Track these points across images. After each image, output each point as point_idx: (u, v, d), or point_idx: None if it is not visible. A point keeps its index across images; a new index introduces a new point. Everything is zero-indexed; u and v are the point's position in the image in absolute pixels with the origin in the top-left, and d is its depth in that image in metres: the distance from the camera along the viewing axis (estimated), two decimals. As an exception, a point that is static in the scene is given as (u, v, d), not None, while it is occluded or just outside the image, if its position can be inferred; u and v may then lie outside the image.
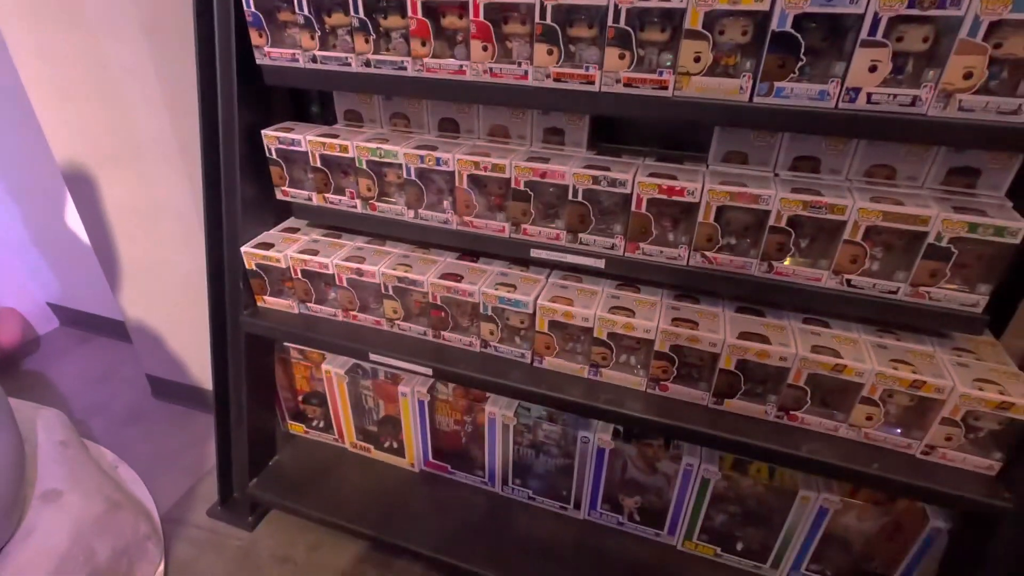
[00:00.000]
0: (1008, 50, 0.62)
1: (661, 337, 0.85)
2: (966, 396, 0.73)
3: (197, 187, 1.24)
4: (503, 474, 1.18)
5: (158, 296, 1.44)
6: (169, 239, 1.34)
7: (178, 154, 1.21)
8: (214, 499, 1.29)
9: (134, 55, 1.12)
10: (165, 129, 1.19)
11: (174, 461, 1.42)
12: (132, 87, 1.16)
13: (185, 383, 1.56)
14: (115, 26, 1.10)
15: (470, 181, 0.91)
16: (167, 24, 1.08)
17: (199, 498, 1.31)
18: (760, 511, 1.02)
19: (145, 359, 1.57)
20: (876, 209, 0.73)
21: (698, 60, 0.71)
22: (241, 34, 0.90)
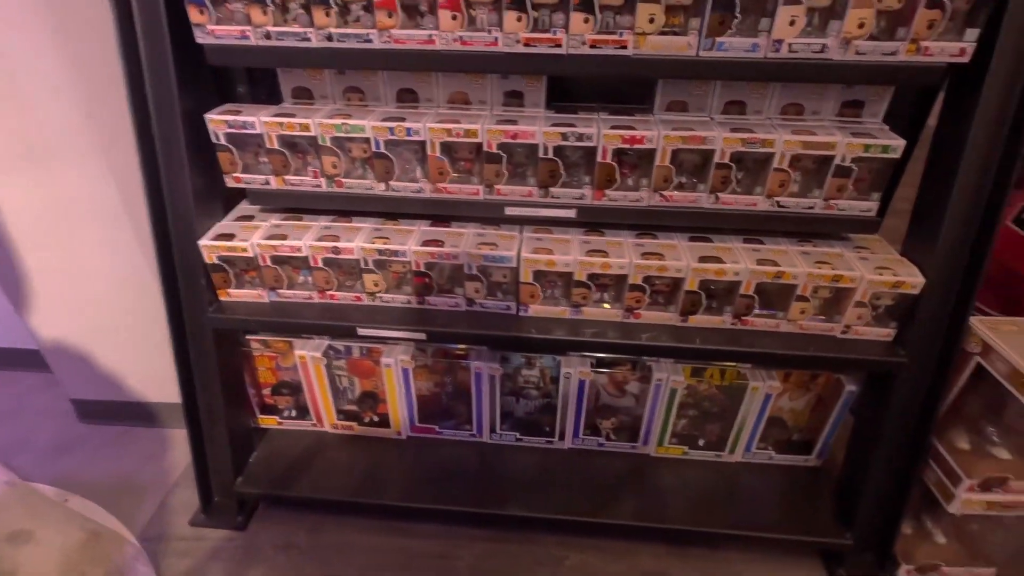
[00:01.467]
0: (887, 4, 0.78)
1: (634, 271, 0.97)
2: (872, 281, 0.93)
3: (123, 183, 1.15)
4: (490, 423, 1.26)
5: (79, 311, 1.30)
6: (89, 244, 1.21)
7: (96, 148, 1.10)
8: (191, 509, 1.24)
9: (31, 42, 0.99)
10: (77, 122, 1.07)
11: (129, 483, 1.32)
12: (30, 76, 1.03)
13: (120, 400, 1.44)
14: (6, 9, 0.97)
15: (442, 148, 0.94)
16: (73, 7, 0.97)
17: (173, 511, 1.25)
18: (715, 409, 1.20)
19: (68, 383, 1.42)
20: (797, 140, 0.89)
21: (652, 21, 0.81)
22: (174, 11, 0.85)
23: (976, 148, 0.83)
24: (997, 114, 0.81)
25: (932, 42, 0.79)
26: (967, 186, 0.85)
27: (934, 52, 0.80)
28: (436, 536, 1.19)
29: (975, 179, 0.85)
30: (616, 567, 1.14)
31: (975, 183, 0.85)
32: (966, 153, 0.83)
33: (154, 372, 1.36)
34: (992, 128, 0.82)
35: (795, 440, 1.24)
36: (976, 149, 0.83)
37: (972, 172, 0.84)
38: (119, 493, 1.29)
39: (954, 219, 0.87)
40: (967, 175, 0.84)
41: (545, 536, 1.19)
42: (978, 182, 0.85)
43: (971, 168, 0.84)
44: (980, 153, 0.83)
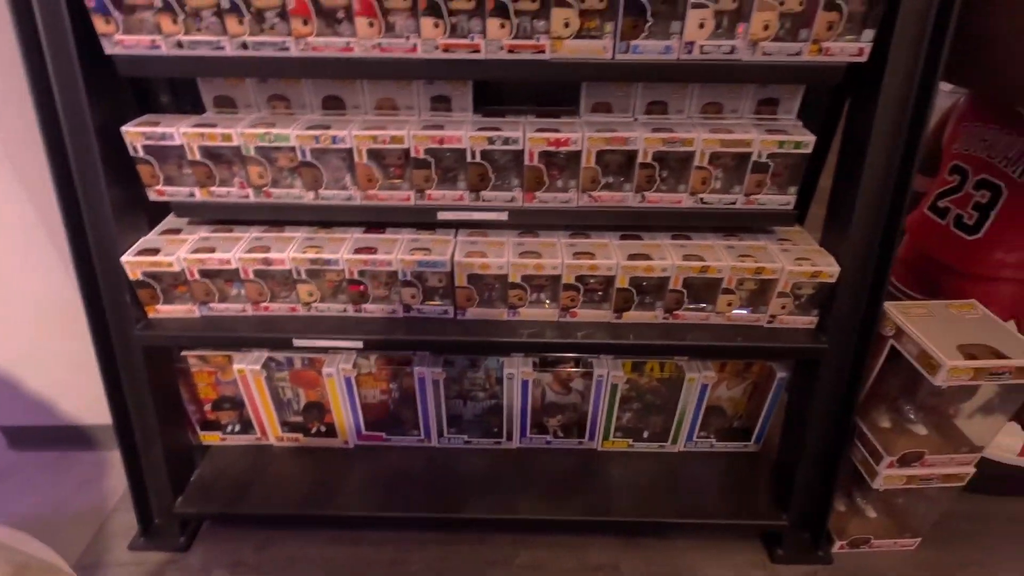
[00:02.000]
0: (788, 7, 0.81)
1: (567, 270, 0.98)
2: (792, 272, 0.97)
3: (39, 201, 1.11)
4: (438, 427, 1.26)
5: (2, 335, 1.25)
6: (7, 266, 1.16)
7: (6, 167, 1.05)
8: (131, 533, 1.20)
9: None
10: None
11: (65, 510, 1.27)
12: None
13: (53, 425, 1.38)
14: None
15: (370, 155, 0.94)
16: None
17: (112, 537, 1.21)
18: (658, 402, 1.23)
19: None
20: (715, 138, 0.92)
21: (567, 26, 0.82)
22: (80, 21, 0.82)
23: (879, 142, 0.87)
24: (897, 109, 0.85)
25: (832, 43, 0.83)
26: (873, 178, 0.89)
27: (835, 52, 0.84)
28: (388, 543, 1.19)
29: (880, 171, 0.89)
30: (566, 562, 1.16)
31: (880, 175, 0.89)
32: (871, 147, 0.87)
33: (88, 394, 1.31)
34: (893, 123, 0.86)
35: (735, 427, 1.28)
36: (879, 143, 0.87)
37: (877, 165, 0.89)
38: (55, 521, 1.24)
39: (863, 210, 0.92)
40: (872, 168, 0.89)
41: (496, 536, 1.20)
42: (883, 174, 0.89)
43: (876, 161, 0.88)
44: (883, 147, 0.87)
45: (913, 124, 0.86)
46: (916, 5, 0.79)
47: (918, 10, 0.79)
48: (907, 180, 0.89)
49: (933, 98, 0.83)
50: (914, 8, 0.79)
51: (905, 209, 0.91)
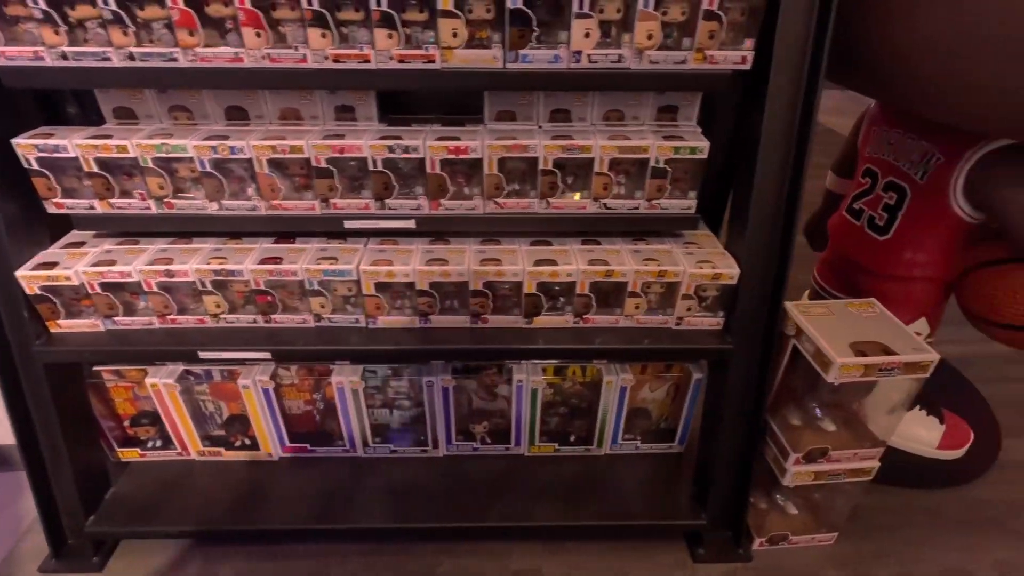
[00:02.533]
0: (671, 17, 0.84)
1: (473, 277, 0.99)
2: (693, 275, 0.99)
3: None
4: (362, 437, 1.25)
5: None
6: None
7: None
8: (42, 555, 1.16)
9: None
10: None
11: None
12: None
13: (-34, 445, 1.34)
14: None
15: (271, 165, 0.94)
16: None
17: (23, 559, 1.17)
18: (580, 405, 1.24)
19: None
20: (613, 145, 0.93)
21: (456, 35, 0.83)
22: (-40, 33, 0.81)
23: (769, 145, 0.90)
24: (784, 114, 0.88)
25: (716, 51, 0.85)
26: (766, 181, 0.92)
27: (719, 60, 0.86)
28: (309, 556, 1.17)
29: (773, 174, 0.91)
30: (489, 568, 1.16)
31: (773, 178, 0.92)
32: (761, 151, 0.90)
33: (0, 413, 1.27)
34: (781, 127, 0.88)
35: (661, 429, 1.30)
36: (769, 146, 0.90)
37: (769, 168, 0.91)
38: (-36, 546, 1.20)
39: (758, 212, 0.94)
40: (764, 171, 0.91)
41: (420, 545, 1.19)
42: (776, 177, 0.92)
43: (767, 164, 0.91)
44: (773, 150, 0.90)
45: (801, 128, 0.89)
46: (795, 15, 0.82)
47: (798, 19, 0.82)
48: (799, 182, 0.91)
49: (817, 102, 0.86)
50: (793, 18, 0.82)
51: (799, 210, 0.93)
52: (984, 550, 1.20)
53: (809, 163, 0.90)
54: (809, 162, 0.90)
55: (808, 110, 0.87)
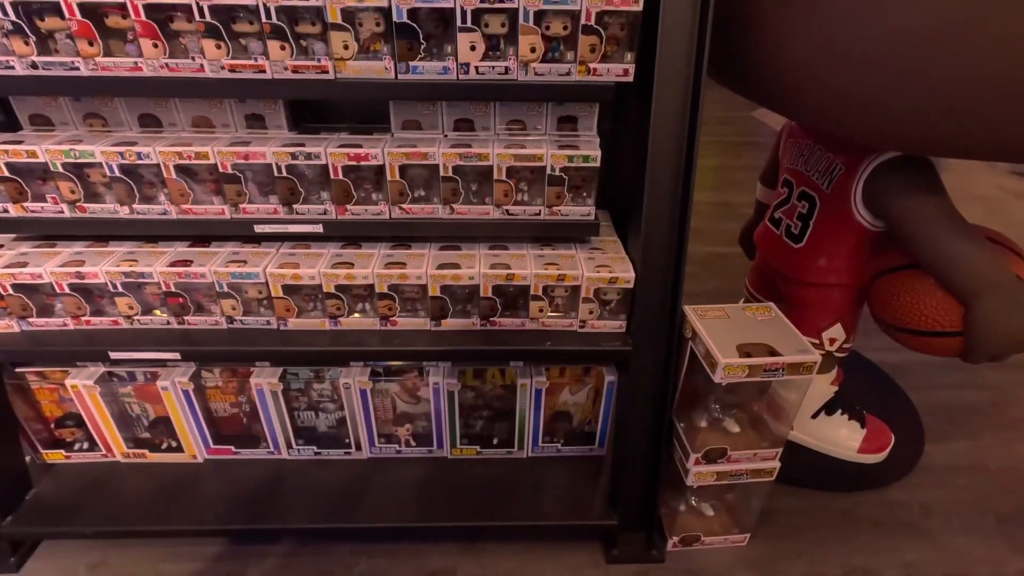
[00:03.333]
0: (554, 31, 0.88)
1: (378, 280, 1.02)
2: (591, 278, 1.02)
3: None
4: (285, 439, 1.27)
5: None
6: None
7: None
8: (-39, 556, 1.17)
9: None
10: None
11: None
12: None
13: None
14: None
15: (178, 171, 0.97)
16: None
17: (-59, 561, 1.18)
18: (501, 407, 1.26)
19: None
20: (508, 153, 0.97)
21: (347, 48, 0.87)
22: None
23: (658, 153, 0.93)
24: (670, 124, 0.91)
25: (598, 64, 0.89)
26: (656, 188, 0.95)
27: (602, 73, 0.90)
28: (226, 557, 1.18)
29: (663, 181, 0.95)
30: (405, 569, 1.17)
31: (664, 185, 0.95)
32: (649, 159, 0.93)
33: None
34: (667, 136, 0.92)
35: (583, 432, 1.32)
36: (658, 154, 0.93)
37: (658, 175, 0.94)
38: None
39: (651, 218, 0.97)
40: (654, 178, 0.94)
41: (337, 546, 1.21)
42: (668, 183, 0.95)
43: (657, 172, 0.94)
44: (662, 157, 0.93)
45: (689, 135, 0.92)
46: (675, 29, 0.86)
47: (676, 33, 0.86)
48: (688, 188, 0.95)
49: (698, 112, 0.90)
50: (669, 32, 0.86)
51: (689, 215, 0.97)
52: (894, 551, 1.22)
53: (696, 170, 0.94)
54: (696, 169, 0.94)
55: (693, 119, 0.91)
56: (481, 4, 0.84)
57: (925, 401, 1.62)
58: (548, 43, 0.88)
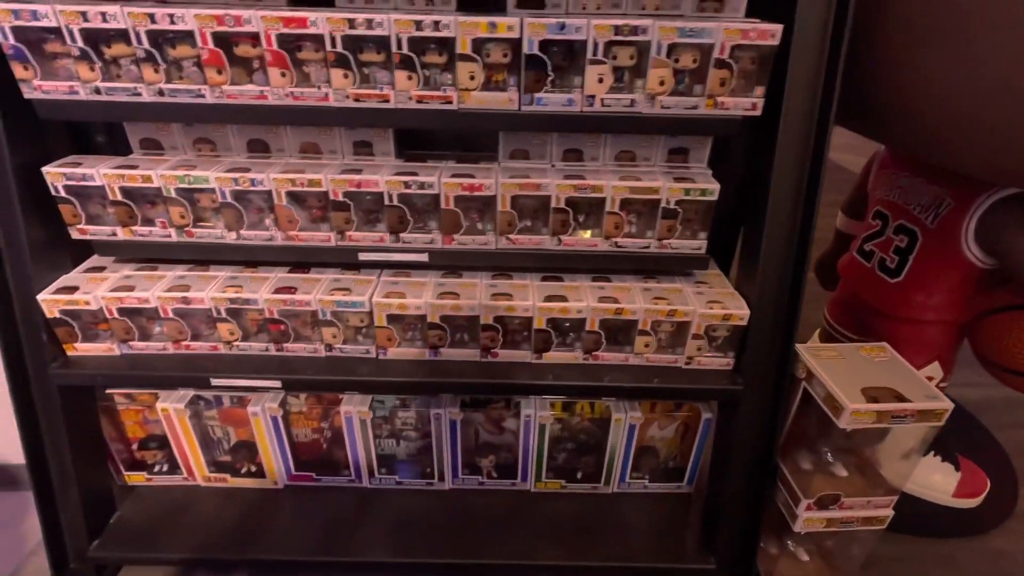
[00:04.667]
0: (682, 64, 0.86)
1: (484, 311, 1.00)
2: (704, 314, 0.99)
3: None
4: (368, 468, 1.25)
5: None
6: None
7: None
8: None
9: None
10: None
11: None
12: None
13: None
14: None
15: (289, 197, 0.96)
16: None
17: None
18: (589, 441, 1.23)
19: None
20: (624, 185, 0.95)
21: (473, 78, 0.86)
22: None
23: (779, 188, 0.90)
24: (794, 158, 0.89)
25: (727, 97, 0.87)
26: (776, 224, 0.92)
27: (729, 106, 0.88)
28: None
29: (783, 217, 0.92)
30: (492, 608, 1.14)
31: (784, 221, 0.92)
32: (771, 194, 0.91)
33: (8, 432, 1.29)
34: (791, 170, 0.89)
35: (669, 468, 1.28)
36: (779, 189, 0.90)
37: (779, 211, 0.92)
38: (-32, 566, 1.20)
39: (769, 254, 0.94)
40: (775, 213, 0.92)
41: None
42: (787, 220, 0.92)
43: (777, 207, 0.91)
44: (784, 193, 0.91)
45: (812, 172, 0.90)
46: (803, 64, 0.84)
47: (806, 69, 0.84)
48: (809, 226, 0.92)
49: (826, 148, 0.87)
50: (802, 66, 0.84)
51: (810, 253, 0.94)
52: (1003, 605, 1.16)
53: (819, 207, 0.91)
54: (819, 206, 0.91)
55: (818, 155, 0.89)
56: (615, 37, 0.82)
57: (1010, 441, 1.55)
58: (675, 75, 0.86)
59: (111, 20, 0.81)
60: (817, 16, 0.82)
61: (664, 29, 0.82)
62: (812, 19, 0.82)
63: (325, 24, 0.81)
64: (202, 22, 0.81)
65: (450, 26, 0.81)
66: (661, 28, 0.82)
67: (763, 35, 0.82)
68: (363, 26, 0.81)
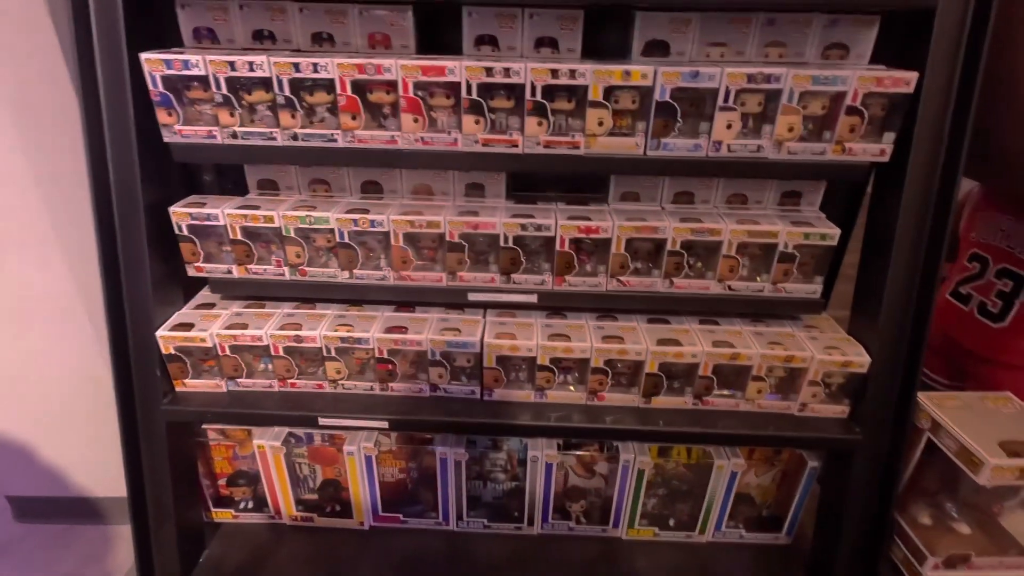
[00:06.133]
0: (811, 111, 0.86)
1: (596, 354, 0.98)
2: (823, 361, 0.96)
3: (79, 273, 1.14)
4: (457, 510, 1.22)
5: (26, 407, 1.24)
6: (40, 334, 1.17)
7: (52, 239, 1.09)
8: (132, 617, 1.14)
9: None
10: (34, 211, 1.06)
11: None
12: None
13: (62, 496, 1.35)
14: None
15: (405, 238, 0.97)
16: (33, 97, 0.99)
17: (112, 621, 1.15)
18: (683, 488, 1.19)
19: (6, 480, 1.33)
20: (742, 229, 0.94)
21: (601, 124, 0.86)
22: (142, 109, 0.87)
23: (904, 236, 0.89)
24: (919, 205, 0.88)
25: (855, 143, 0.87)
26: (899, 271, 0.91)
27: (857, 152, 0.87)
28: (400, 637, 1.12)
29: (906, 265, 0.90)
30: (590, 664, 1.09)
31: (906, 268, 0.91)
32: (896, 241, 0.89)
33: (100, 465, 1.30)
34: (916, 217, 0.88)
35: (764, 516, 1.23)
36: (904, 237, 0.89)
37: (902, 258, 0.90)
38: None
39: (891, 302, 0.92)
40: (898, 261, 0.90)
41: (515, 632, 1.13)
42: (909, 267, 0.91)
43: (901, 255, 0.90)
44: (908, 240, 0.89)
45: (936, 219, 0.88)
46: (934, 110, 0.83)
47: (936, 115, 0.83)
48: (933, 273, 0.90)
49: (954, 195, 0.86)
50: (932, 113, 0.84)
51: (934, 302, 0.91)
52: None
53: (943, 254, 0.89)
54: (943, 253, 0.89)
55: (945, 201, 0.87)
56: (747, 85, 0.83)
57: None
58: (804, 121, 0.86)
59: (257, 69, 0.84)
60: (949, 63, 0.82)
61: (798, 77, 0.82)
62: (944, 66, 0.82)
63: (463, 72, 0.83)
64: (343, 70, 0.84)
65: (586, 75, 0.82)
66: (795, 76, 0.82)
67: (898, 83, 0.82)
68: (500, 74, 0.83)
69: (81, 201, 0.91)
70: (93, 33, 0.82)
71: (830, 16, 0.87)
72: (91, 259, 0.92)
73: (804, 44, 0.90)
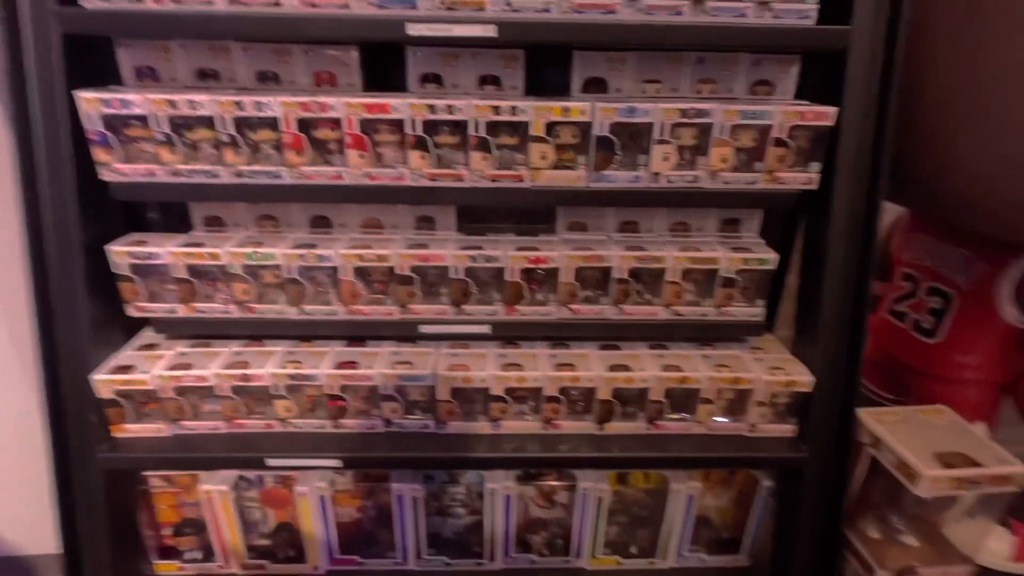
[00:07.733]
0: (742, 143, 0.91)
1: (549, 382, 0.99)
2: (768, 381, 0.99)
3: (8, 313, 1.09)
4: (416, 548, 1.19)
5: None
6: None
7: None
8: None
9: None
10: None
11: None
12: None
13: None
14: None
15: (355, 272, 0.97)
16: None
17: None
18: (644, 514, 1.19)
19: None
20: (685, 256, 0.97)
21: (544, 158, 0.89)
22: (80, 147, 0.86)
23: (835, 258, 0.94)
24: (847, 228, 0.93)
25: (785, 173, 0.92)
26: (833, 292, 0.95)
27: (787, 181, 0.92)
28: None
29: (839, 285, 0.95)
30: None
31: (840, 288, 0.95)
32: (828, 263, 0.94)
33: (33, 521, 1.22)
34: (845, 240, 0.93)
35: (725, 539, 1.24)
36: (835, 259, 0.94)
37: (835, 279, 0.95)
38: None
39: (828, 321, 0.96)
40: (832, 282, 0.95)
41: (478, 675, 1.10)
42: (842, 287, 0.95)
43: (834, 276, 0.94)
44: (839, 262, 0.94)
45: (864, 241, 0.93)
46: (854, 141, 0.89)
47: (855, 145, 0.89)
48: (865, 291, 0.95)
49: (878, 218, 0.91)
50: (852, 143, 0.89)
51: (867, 318, 0.96)
52: None
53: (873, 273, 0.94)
54: (873, 272, 0.94)
55: (870, 223, 0.92)
56: (681, 119, 0.87)
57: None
58: (736, 153, 0.91)
59: (199, 108, 0.84)
60: (863, 99, 0.88)
61: (727, 112, 0.87)
62: (859, 101, 0.88)
63: (407, 110, 0.84)
64: (288, 108, 0.84)
65: (527, 111, 0.85)
66: (724, 111, 0.87)
67: (819, 116, 0.88)
68: (444, 111, 0.85)
69: (12, 236, 0.88)
70: (30, 69, 0.81)
71: (754, 56, 0.93)
72: (19, 299, 0.89)
73: (733, 81, 0.95)
